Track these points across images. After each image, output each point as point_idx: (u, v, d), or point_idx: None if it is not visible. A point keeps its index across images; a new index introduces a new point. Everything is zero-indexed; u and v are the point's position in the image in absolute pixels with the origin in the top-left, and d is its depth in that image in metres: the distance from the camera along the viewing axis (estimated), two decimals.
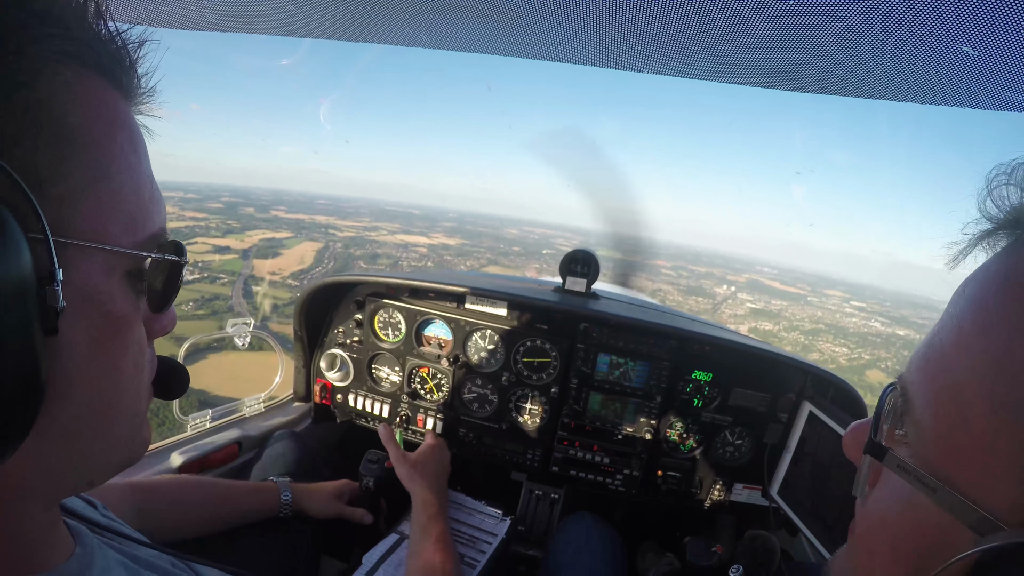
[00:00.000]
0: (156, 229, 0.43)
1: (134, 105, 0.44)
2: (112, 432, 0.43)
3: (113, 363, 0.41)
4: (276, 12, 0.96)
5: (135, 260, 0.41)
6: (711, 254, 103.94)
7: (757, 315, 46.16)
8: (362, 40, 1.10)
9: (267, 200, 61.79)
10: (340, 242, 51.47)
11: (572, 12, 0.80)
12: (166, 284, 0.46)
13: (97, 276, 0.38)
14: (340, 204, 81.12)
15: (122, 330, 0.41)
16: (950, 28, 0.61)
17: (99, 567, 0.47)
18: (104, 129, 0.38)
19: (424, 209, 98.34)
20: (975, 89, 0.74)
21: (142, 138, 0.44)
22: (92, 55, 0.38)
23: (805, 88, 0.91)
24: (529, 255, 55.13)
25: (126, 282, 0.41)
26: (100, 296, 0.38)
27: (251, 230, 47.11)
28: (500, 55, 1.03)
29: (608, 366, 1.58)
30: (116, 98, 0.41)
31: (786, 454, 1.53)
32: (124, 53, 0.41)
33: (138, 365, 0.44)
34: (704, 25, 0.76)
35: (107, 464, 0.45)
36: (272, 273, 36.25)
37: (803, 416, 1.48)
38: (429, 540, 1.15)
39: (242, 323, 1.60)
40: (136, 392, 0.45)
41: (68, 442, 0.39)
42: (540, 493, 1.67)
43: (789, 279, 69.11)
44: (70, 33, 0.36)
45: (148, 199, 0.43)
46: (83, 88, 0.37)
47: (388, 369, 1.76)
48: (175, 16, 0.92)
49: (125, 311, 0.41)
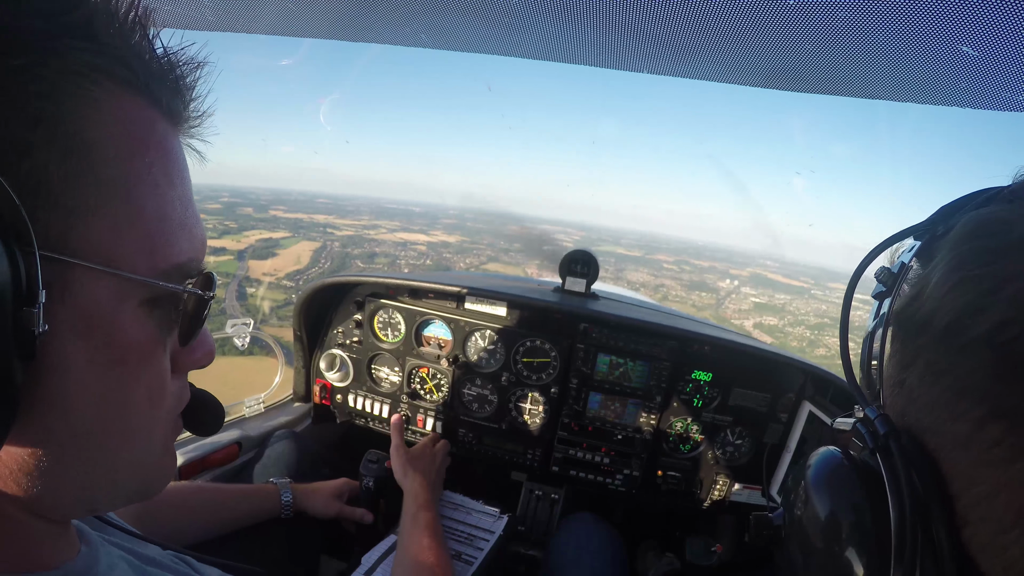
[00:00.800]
0: (183, 259, 0.41)
1: (180, 127, 0.43)
2: (117, 459, 0.41)
3: (119, 391, 0.39)
4: (276, 12, 0.96)
5: (153, 289, 0.39)
6: (713, 247, 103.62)
7: (762, 310, 46.09)
8: (362, 40, 1.10)
9: (267, 200, 60.94)
10: (338, 241, 50.79)
11: (572, 12, 0.80)
12: (190, 317, 0.44)
13: (106, 300, 0.36)
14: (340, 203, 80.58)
15: (131, 359, 0.39)
16: (950, 28, 0.61)
17: (104, 564, 0.47)
18: (131, 148, 0.37)
19: (425, 206, 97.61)
20: (975, 89, 0.74)
21: (181, 162, 0.42)
22: (126, 72, 0.37)
23: (805, 88, 0.91)
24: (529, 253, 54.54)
25: (144, 311, 0.39)
26: (106, 321, 0.37)
27: (248, 230, 46.29)
28: (500, 55, 1.03)
29: (608, 366, 1.58)
30: (154, 118, 0.39)
31: (786, 454, 1.53)
32: (169, 73, 0.40)
33: (154, 397, 0.42)
34: (704, 25, 0.76)
35: (113, 492, 0.44)
36: (267, 274, 35.46)
37: (803, 416, 1.48)
38: (417, 528, 1.16)
39: (241, 323, 1.60)
40: (150, 424, 0.43)
41: (66, 459, 0.38)
42: (540, 493, 1.67)
43: (792, 272, 68.79)
44: (103, 48, 0.35)
45: (177, 226, 0.41)
46: (112, 105, 0.36)
47: (388, 369, 1.76)
48: (175, 16, 0.92)
49: (137, 340, 0.39)
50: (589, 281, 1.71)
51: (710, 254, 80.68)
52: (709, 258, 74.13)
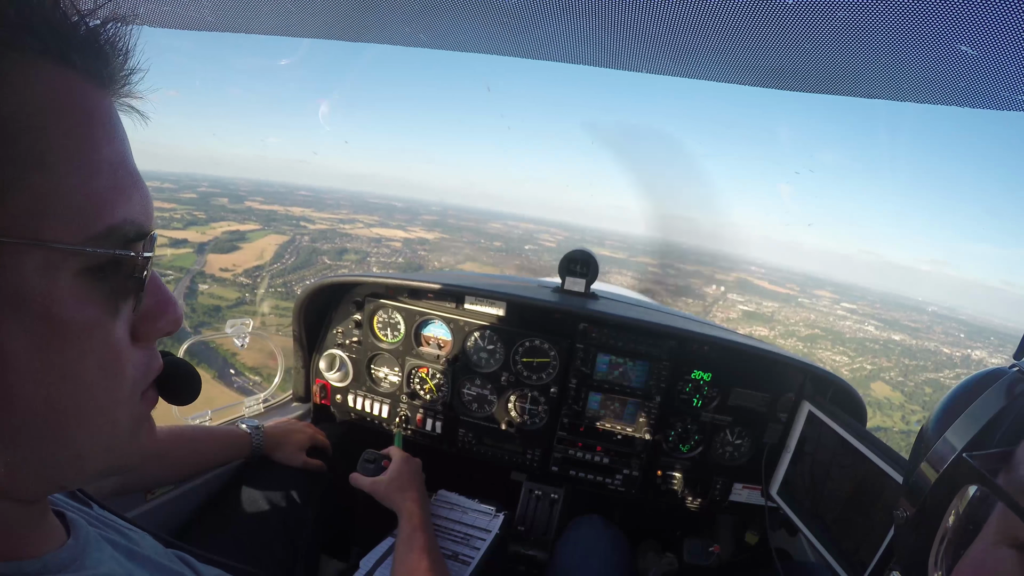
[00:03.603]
0: (116, 221, 0.39)
1: (108, 89, 0.41)
2: (78, 438, 0.40)
3: (67, 369, 0.38)
4: (276, 12, 0.96)
5: (86, 257, 0.37)
6: (698, 251, 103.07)
7: (751, 318, 45.86)
8: (361, 40, 1.10)
9: (245, 190, 58.65)
10: (308, 235, 49.09)
11: (572, 12, 0.80)
12: (133, 280, 0.42)
13: (35, 275, 0.35)
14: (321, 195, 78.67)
15: (73, 333, 0.37)
16: (949, 28, 0.61)
17: (93, 559, 0.47)
18: (46, 117, 0.35)
19: (407, 202, 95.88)
20: (974, 88, 0.74)
21: (109, 124, 0.41)
22: (35, 41, 0.35)
23: (805, 88, 0.91)
24: (511, 251, 54.09)
25: (83, 281, 0.38)
26: (40, 297, 0.35)
27: (217, 222, 44.22)
28: (500, 55, 1.03)
29: (607, 366, 1.58)
30: (70, 83, 0.37)
31: (786, 454, 1.53)
32: (86, 36, 0.38)
33: (109, 371, 0.41)
34: (704, 25, 0.76)
35: (79, 469, 0.42)
36: (224, 269, 32.76)
37: (803, 416, 1.48)
38: (413, 551, 1.15)
39: (241, 323, 1.60)
40: (109, 400, 0.42)
41: (20, 448, 0.37)
42: (540, 493, 1.67)
43: (778, 278, 68.26)
44: (4, 21, 0.34)
45: (106, 189, 0.39)
46: (22, 77, 0.34)
47: (387, 369, 1.76)
48: (175, 16, 0.92)
49: (77, 313, 0.37)
50: (588, 281, 1.71)
51: (695, 257, 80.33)
52: (694, 262, 73.72)
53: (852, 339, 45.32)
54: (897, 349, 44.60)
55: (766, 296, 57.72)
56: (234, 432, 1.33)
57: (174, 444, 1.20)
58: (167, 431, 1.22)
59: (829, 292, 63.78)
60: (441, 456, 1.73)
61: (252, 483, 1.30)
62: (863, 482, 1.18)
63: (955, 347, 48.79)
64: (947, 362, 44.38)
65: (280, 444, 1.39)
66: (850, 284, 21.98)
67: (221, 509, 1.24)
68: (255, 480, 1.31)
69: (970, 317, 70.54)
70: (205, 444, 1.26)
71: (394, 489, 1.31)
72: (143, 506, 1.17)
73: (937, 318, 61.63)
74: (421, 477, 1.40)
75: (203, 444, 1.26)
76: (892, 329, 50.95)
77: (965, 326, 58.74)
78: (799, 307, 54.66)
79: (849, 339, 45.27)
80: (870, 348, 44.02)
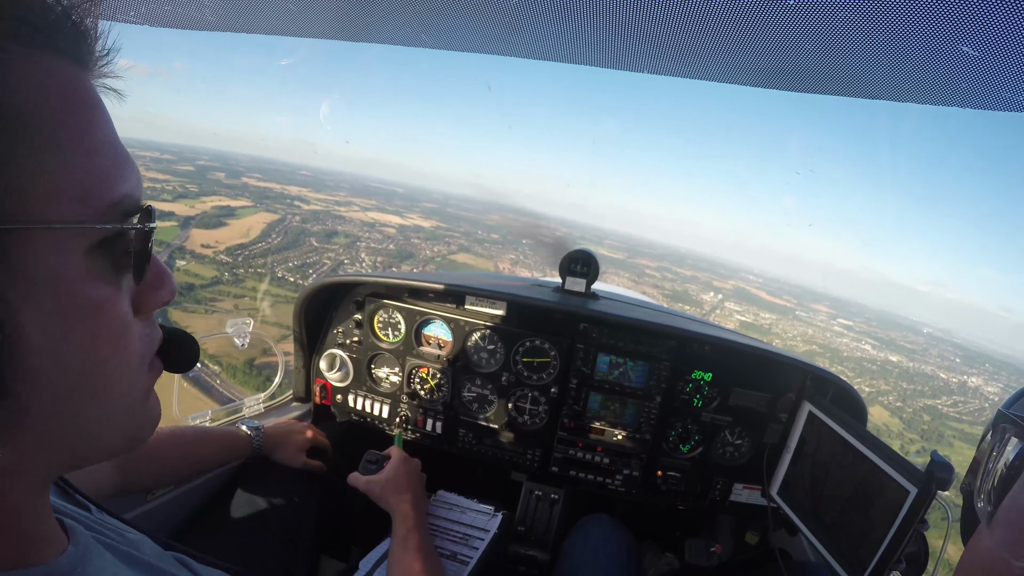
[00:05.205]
0: (117, 197, 0.40)
1: (92, 70, 0.42)
2: (93, 415, 0.42)
3: (83, 346, 0.39)
4: (276, 12, 0.96)
5: (92, 234, 0.38)
6: (695, 256, 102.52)
7: (748, 329, 45.68)
8: (362, 40, 1.10)
9: (245, 166, 56.98)
10: (300, 215, 47.71)
11: (572, 12, 0.80)
12: (138, 253, 0.43)
13: (49, 258, 0.36)
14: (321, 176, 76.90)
15: (88, 311, 0.39)
16: (950, 28, 0.61)
17: (94, 566, 0.47)
18: (47, 103, 0.36)
19: (409, 188, 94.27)
20: (975, 89, 0.74)
21: (100, 104, 0.42)
22: (28, 29, 0.36)
23: (805, 88, 0.91)
24: (507, 244, 52.84)
25: (92, 259, 0.39)
26: (55, 279, 0.36)
27: (208, 196, 42.83)
28: (500, 55, 1.03)
29: (608, 366, 1.58)
30: (62, 68, 0.38)
31: (786, 454, 1.53)
32: (68, 19, 0.39)
33: (120, 345, 0.42)
34: (704, 25, 0.76)
35: (97, 446, 0.44)
36: (205, 246, 31.39)
37: (803, 416, 1.48)
38: (408, 552, 1.15)
39: (241, 323, 1.60)
40: (121, 373, 0.43)
41: (40, 426, 0.38)
42: (540, 493, 1.67)
43: (775, 290, 67.91)
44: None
45: (109, 166, 0.40)
46: (19, 66, 0.35)
47: (388, 369, 1.76)
48: (175, 16, 0.92)
49: (90, 290, 0.39)
50: (589, 281, 1.71)
51: (692, 263, 79.92)
52: (691, 267, 73.20)
53: (850, 358, 44.97)
54: (895, 371, 44.06)
55: (763, 307, 57.30)
56: (234, 433, 1.33)
57: (174, 445, 1.19)
58: (167, 432, 1.22)
59: (826, 307, 63.29)
60: (441, 456, 1.73)
61: (252, 484, 1.30)
62: (863, 482, 1.18)
63: (951, 372, 48.24)
64: (944, 388, 43.72)
65: (280, 445, 1.38)
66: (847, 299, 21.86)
67: (221, 510, 1.24)
68: (255, 481, 1.31)
69: (965, 341, 69.76)
70: (205, 445, 1.26)
71: (390, 490, 1.31)
72: (143, 507, 1.17)
73: (932, 340, 60.94)
74: (419, 478, 1.39)
75: (203, 445, 1.26)
76: (889, 349, 50.45)
77: (961, 350, 58.04)
78: (796, 320, 54.23)
79: (847, 357, 44.96)
80: (868, 369, 43.52)
